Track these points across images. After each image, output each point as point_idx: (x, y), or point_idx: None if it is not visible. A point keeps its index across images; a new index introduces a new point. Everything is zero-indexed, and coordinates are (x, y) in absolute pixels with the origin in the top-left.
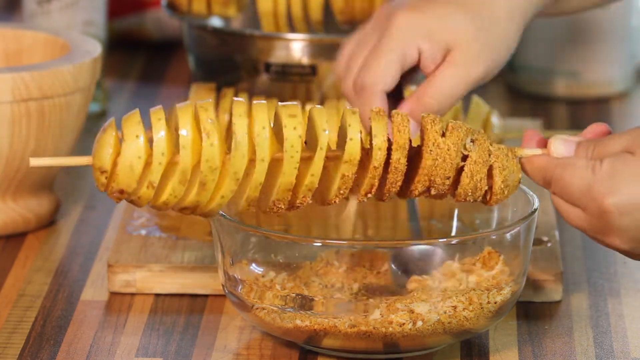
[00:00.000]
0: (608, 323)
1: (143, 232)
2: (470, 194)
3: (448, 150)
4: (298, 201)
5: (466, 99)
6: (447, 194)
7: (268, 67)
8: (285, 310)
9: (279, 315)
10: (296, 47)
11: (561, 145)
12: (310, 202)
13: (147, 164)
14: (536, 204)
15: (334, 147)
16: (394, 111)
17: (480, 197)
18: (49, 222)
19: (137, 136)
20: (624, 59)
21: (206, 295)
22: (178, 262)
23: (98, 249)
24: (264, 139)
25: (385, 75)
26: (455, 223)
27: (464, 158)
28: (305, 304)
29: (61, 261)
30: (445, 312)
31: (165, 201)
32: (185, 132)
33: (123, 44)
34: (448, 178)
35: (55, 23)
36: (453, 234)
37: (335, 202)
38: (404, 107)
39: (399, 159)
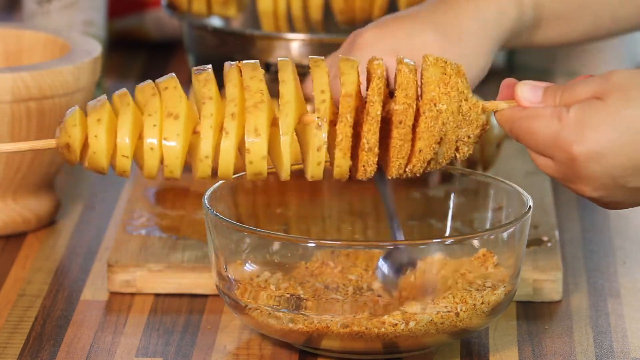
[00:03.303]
0: (608, 323)
1: (143, 232)
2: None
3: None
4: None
5: None
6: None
7: (268, 67)
8: (278, 311)
9: (272, 315)
10: (296, 47)
11: (528, 91)
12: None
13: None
14: (530, 204)
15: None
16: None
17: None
18: (49, 222)
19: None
20: (624, 59)
21: (206, 295)
22: (178, 261)
23: (98, 249)
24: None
25: None
26: (450, 223)
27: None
28: (297, 304)
29: (61, 261)
30: (437, 313)
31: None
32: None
33: (123, 44)
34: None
35: (55, 23)
36: (447, 234)
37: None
38: None
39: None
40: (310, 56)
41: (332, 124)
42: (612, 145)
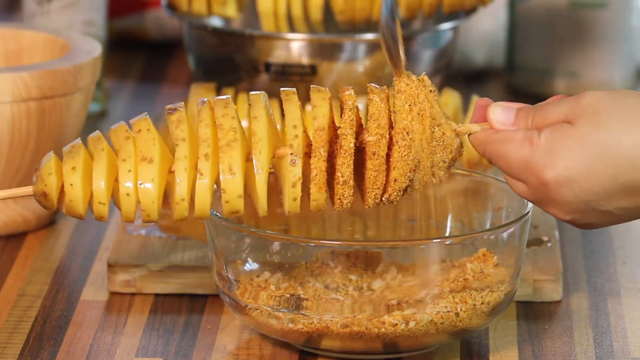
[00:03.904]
0: (608, 323)
1: (143, 232)
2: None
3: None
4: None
5: (466, 99)
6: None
7: (268, 67)
8: (278, 311)
9: (272, 315)
10: (296, 47)
11: (500, 112)
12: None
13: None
14: (530, 204)
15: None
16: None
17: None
18: (49, 222)
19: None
20: (624, 59)
21: (206, 295)
22: (178, 262)
23: (98, 249)
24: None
25: None
26: (450, 223)
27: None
28: (297, 304)
29: (61, 261)
30: (437, 313)
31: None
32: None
33: (123, 44)
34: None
35: (55, 23)
36: (447, 234)
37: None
38: None
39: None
40: (281, 88)
41: (307, 155)
42: (582, 172)
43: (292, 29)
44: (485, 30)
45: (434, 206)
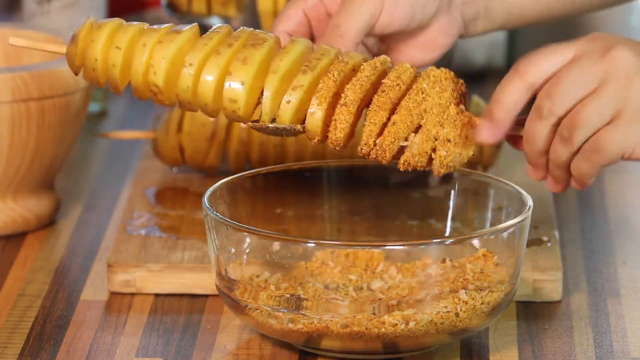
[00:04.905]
0: (608, 323)
1: (143, 232)
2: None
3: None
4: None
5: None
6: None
7: None
8: (278, 311)
9: (272, 315)
10: None
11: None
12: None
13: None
14: (530, 204)
15: None
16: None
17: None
18: (49, 222)
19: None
20: None
21: (206, 295)
22: (178, 262)
23: (98, 249)
24: None
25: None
26: (450, 223)
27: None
28: (297, 304)
29: (61, 261)
30: (437, 313)
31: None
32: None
33: None
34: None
35: (55, 23)
36: (447, 234)
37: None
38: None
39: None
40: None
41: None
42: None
43: None
44: None
45: (434, 206)
